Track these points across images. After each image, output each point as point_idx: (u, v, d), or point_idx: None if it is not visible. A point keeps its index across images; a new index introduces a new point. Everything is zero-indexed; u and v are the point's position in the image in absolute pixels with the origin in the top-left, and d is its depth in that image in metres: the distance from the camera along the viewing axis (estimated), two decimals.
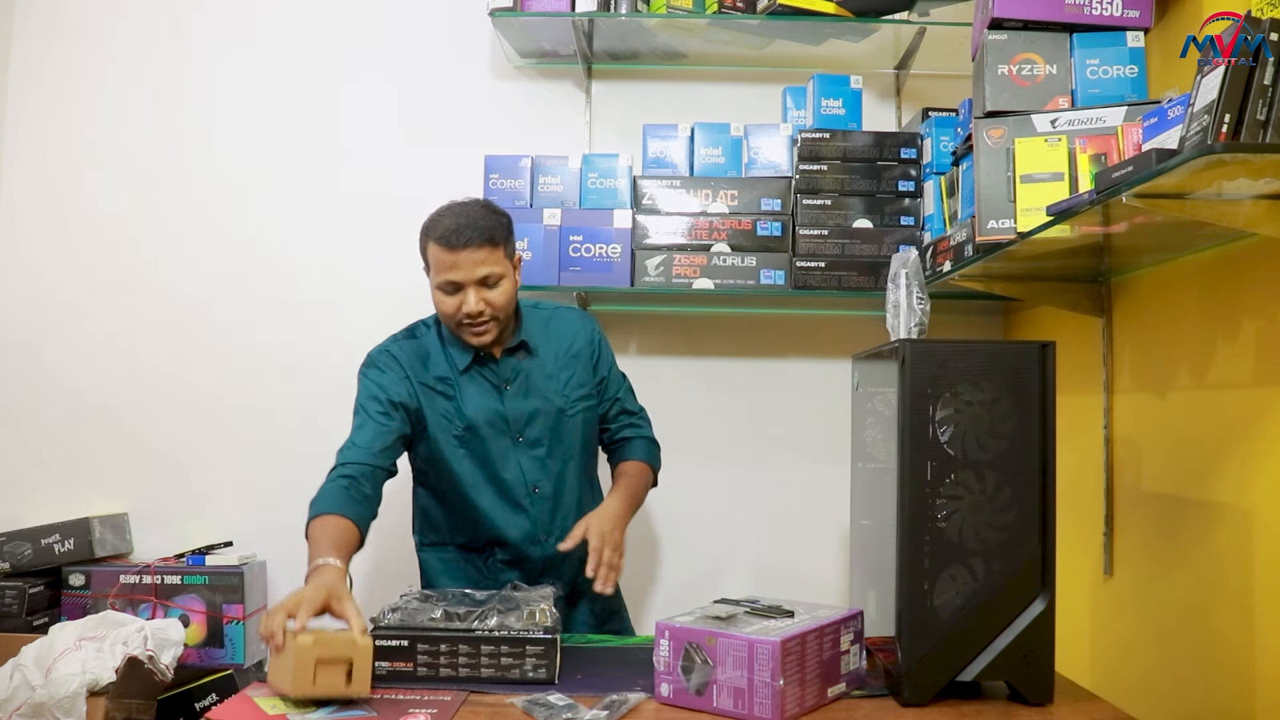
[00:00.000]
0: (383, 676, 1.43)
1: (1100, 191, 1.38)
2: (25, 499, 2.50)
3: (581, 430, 1.90)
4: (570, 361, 1.91)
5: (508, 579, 1.80)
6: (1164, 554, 1.74)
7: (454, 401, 1.83)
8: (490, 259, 1.76)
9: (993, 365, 1.37)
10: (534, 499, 1.85)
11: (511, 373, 1.85)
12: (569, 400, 1.88)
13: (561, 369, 1.89)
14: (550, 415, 1.86)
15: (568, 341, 1.92)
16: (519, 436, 1.85)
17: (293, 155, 2.63)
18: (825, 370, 2.57)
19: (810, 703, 1.32)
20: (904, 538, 1.35)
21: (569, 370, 1.90)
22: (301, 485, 2.57)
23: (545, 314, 1.94)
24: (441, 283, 1.77)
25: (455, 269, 1.74)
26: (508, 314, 1.81)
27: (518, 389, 1.85)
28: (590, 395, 1.92)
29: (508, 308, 1.81)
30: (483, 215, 1.78)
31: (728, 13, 2.37)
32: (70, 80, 2.64)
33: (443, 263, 1.76)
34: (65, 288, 2.61)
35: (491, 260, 1.76)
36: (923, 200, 2.34)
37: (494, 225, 1.77)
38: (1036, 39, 1.79)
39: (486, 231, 1.75)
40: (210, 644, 2.31)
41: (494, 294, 1.77)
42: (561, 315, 1.96)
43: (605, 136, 2.62)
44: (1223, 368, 1.59)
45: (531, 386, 1.86)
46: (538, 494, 1.85)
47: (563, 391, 1.88)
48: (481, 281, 1.76)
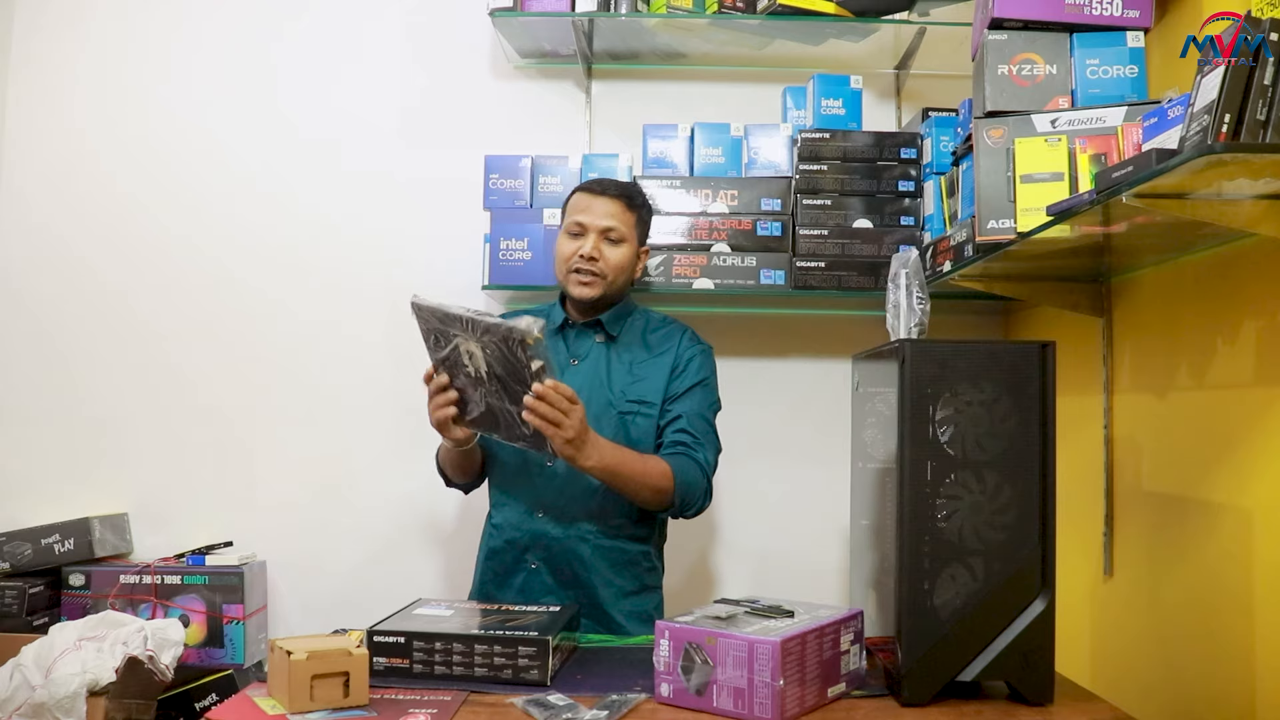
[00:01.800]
0: (380, 672, 1.43)
1: (1100, 191, 1.38)
2: (25, 499, 2.50)
3: (627, 432, 1.84)
4: (650, 366, 1.89)
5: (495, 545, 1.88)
6: (1164, 554, 1.74)
7: None
8: (620, 216, 1.91)
9: (993, 365, 1.37)
10: (545, 470, 1.85)
11: (584, 351, 1.90)
12: (625, 399, 1.86)
13: (637, 368, 1.89)
14: (599, 404, 1.84)
15: (659, 350, 1.91)
16: None
17: (293, 155, 2.63)
18: (825, 370, 2.57)
19: (810, 703, 1.32)
20: (904, 538, 1.35)
21: (644, 373, 1.88)
22: (302, 485, 2.59)
23: (659, 322, 1.97)
24: (570, 224, 1.91)
25: (587, 211, 1.90)
26: (616, 278, 1.90)
27: (583, 367, 1.88)
28: (653, 404, 1.86)
29: (618, 271, 1.90)
30: (629, 183, 2.02)
31: (728, 13, 2.37)
32: (69, 79, 2.64)
33: (578, 205, 1.93)
34: (64, 287, 2.61)
35: (620, 218, 1.91)
36: (923, 200, 2.34)
37: (633, 191, 1.97)
38: (1036, 39, 1.79)
39: (625, 190, 1.95)
40: (210, 644, 2.31)
41: (612, 250, 1.89)
42: (672, 330, 1.96)
43: (605, 136, 2.62)
44: (1223, 368, 1.59)
45: (597, 369, 1.87)
46: (550, 468, 1.84)
47: (626, 389, 1.86)
48: (605, 233, 1.89)
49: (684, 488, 1.79)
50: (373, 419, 2.59)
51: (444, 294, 2.52)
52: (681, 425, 1.85)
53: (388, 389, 2.56)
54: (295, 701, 1.29)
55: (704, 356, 1.93)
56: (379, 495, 2.57)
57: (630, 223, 1.91)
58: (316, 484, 2.58)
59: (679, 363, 1.89)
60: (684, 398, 1.87)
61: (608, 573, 1.84)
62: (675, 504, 1.80)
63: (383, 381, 2.56)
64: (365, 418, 2.59)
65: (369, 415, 2.59)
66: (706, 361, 1.93)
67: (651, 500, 1.80)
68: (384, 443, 2.57)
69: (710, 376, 1.93)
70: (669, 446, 1.84)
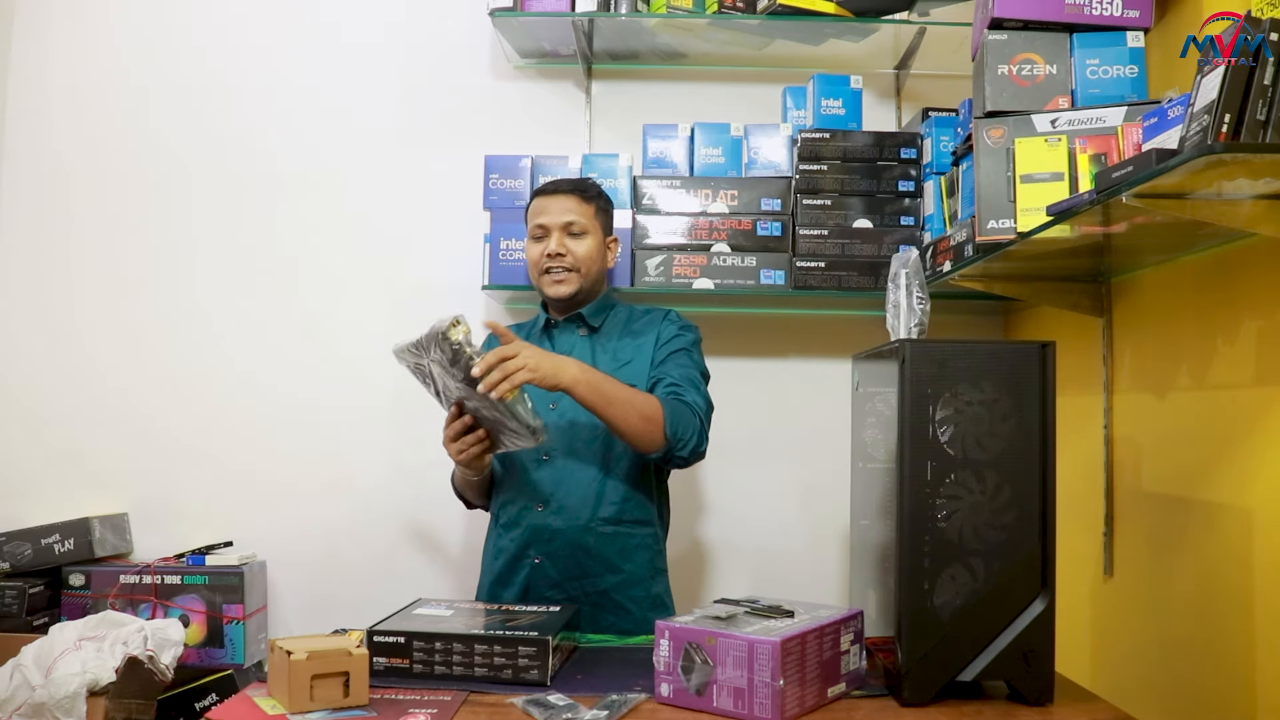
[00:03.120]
0: (380, 672, 1.43)
1: (1100, 191, 1.38)
2: (25, 499, 2.50)
3: None
4: (633, 350, 1.91)
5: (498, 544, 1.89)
6: (1164, 554, 1.74)
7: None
8: (577, 210, 1.93)
9: (993, 365, 1.37)
10: (541, 463, 1.86)
11: (569, 346, 1.91)
12: None
13: (622, 353, 1.91)
14: None
15: (641, 333, 1.94)
16: (552, 404, 1.86)
17: (292, 155, 2.63)
18: (825, 370, 2.57)
19: (810, 703, 1.32)
20: (904, 538, 1.35)
21: (628, 355, 1.91)
22: (301, 485, 2.59)
23: (641, 312, 1.99)
24: (532, 229, 1.94)
25: (545, 213, 1.93)
26: (589, 271, 1.93)
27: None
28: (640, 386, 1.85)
29: (588, 263, 1.92)
30: (581, 178, 2.05)
31: (728, 13, 2.37)
32: (69, 79, 2.64)
33: (536, 209, 1.95)
34: (65, 287, 2.61)
35: (578, 211, 1.93)
36: (923, 200, 2.34)
37: (586, 184, 1.98)
38: (1036, 39, 1.79)
39: (577, 184, 1.97)
40: (210, 644, 2.31)
41: (576, 243, 1.92)
42: (653, 313, 1.99)
43: (605, 136, 2.62)
44: (1223, 368, 1.59)
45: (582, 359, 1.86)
46: (546, 461, 1.86)
47: (613, 371, 1.85)
48: (566, 228, 1.91)
49: (674, 418, 1.75)
50: (373, 419, 2.59)
51: (444, 294, 2.56)
52: (667, 382, 1.84)
53: (388, 389, 2.56)
54: (295, 701, 1.29)
55: (686, 330, 1.94)
56: (379, 495, 2.57)
57: (589, 214, 1.94)
58: (317, 484, 2.58)
59: (661, 338, 1.92)
60: (666, 363, 1.88)
61: (615, 560, 1.84)
62: (667, 437, 1.75)
63: (383, 382, 2.56)
64: (366, 418, 2.59)
65: (369, 415, 2.59)
66: (687, 334, 1.94)
67: (642, 429, 1.74)
68: (385, 443, 2.57)
69: (693, 348, 1.92)
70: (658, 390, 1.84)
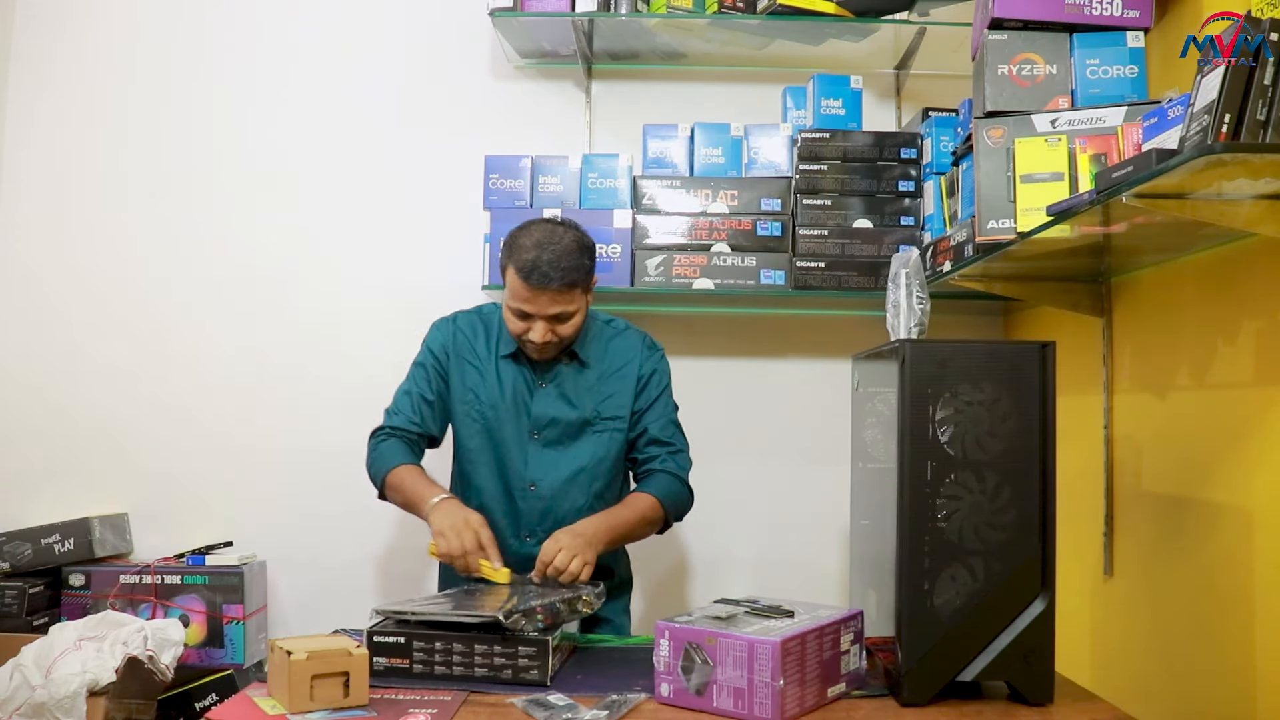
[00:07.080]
0: (380, 672, 1.43)
1: (1100, 191, 1.38)
2: (25, 499, 2.50)
3: (604, 448, 1.89)
4: (616, 381, 1.90)
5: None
6: (1164, 554, 1.74)
7: (483, 379, 1.87)
8: (567, 299, 1.75)
9: (993, 365, 1.37)
10: (528, 495, 1.86)
11: (551, 374, 1.87)
12: (599, 416, 1.88)
13: (604, 384, 1.89)
14: (574, 424, 1.87)
15: (620, 362, 1.92)
16: (535, 433, 1.86)
17: (292, 156, 2.62)
18: (825, 370, 2.57)
19: (810, 703, 1.32)
20: (904, 538, 1.35)
21: (611, 388, 1.89)
22: (301, 486, 2.59)
23: (613, 331, 1.95)
24: (514, 307, 1.77)
25: (529, 303, 1.75)
26: (573, 340, 1.84)
27: (551, 390, 1.87)
28: (623, 419, 1.90)
29: (574, 336, 1.83)
30: (569, 256, 1.73)
31: (728, 13, 2.37)
32: (69, 83, 2.64)
33: (518, 293, 1.75)
34: (65, 289, 2.61)
35: (568, 300, 1.75)
36: (923, 200, 2.34)
37: (577, 269, 1.74)
38: (1036, 39, 1.79)
39: (569, 276, 1.72)
40: (210, 644, 2.31)
41: (564, 327, 1.79)
42: (627, 337, 1.95)
43: (605, 136, 2.62)
44: (1223, 368, 1.59)
45: (565, 392, 1.87)
46: (533, 491, 1.86)
47: (596, 406, 1.88)
48: (553, 317, 1.77)
49: (673, 507, 1.89)
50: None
51: (444, 294, 2.54)
52: (653, 435, 1.91)
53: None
54: (295, 701, 1.29)
55: (663, 364, 1.96)
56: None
57: (577, 295, 1.77)
58: (317, 484, 2.58)
59: (643, 375, 1.92)
60: (650, 410, 1.92)
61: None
62: (670, 522, 1.91)
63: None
64: (366, 418, 2.58)
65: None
66: (664, 368, 1.96)
67: (652, 531, 1.89)
68: None
69: (669, 383, 1.97)
70: (644, 463, 1.91)
